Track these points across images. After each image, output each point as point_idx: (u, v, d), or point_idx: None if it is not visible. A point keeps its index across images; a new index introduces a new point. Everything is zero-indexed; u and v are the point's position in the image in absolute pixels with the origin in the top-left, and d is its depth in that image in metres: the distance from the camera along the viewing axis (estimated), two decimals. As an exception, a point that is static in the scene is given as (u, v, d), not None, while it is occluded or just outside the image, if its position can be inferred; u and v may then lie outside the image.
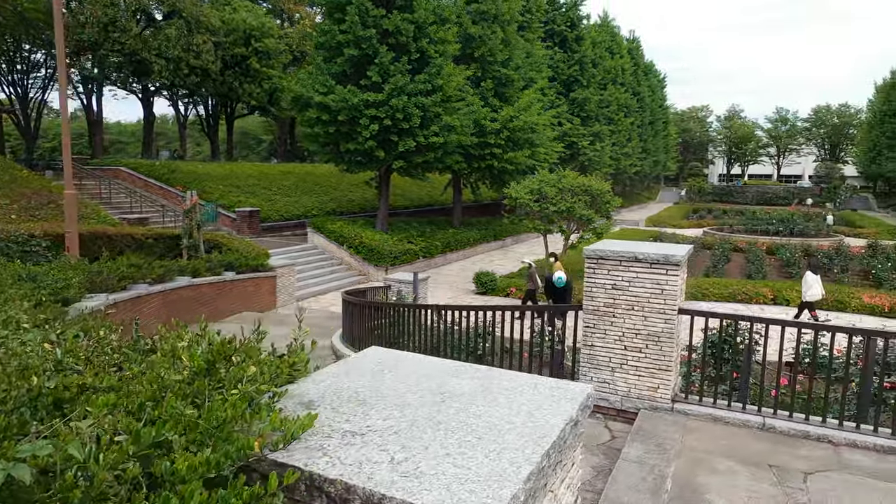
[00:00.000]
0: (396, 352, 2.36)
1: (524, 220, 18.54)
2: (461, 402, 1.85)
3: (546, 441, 1.58)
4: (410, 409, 1.79)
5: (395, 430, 1.65)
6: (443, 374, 2.10)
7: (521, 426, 1.68)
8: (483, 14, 25.01)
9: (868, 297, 16.12)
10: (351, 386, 1.98)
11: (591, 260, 5.34)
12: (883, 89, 64.03)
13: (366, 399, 1.86)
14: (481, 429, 1.66)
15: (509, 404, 1.84)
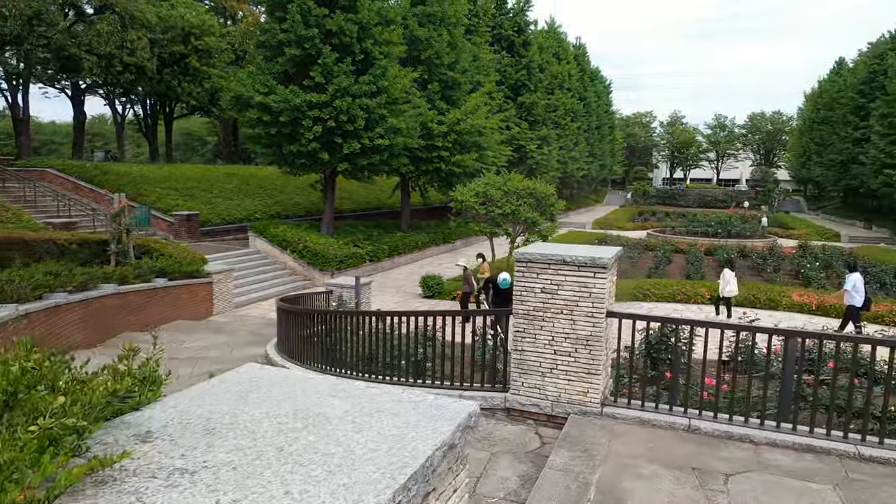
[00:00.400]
0: (273, 370, 2.14)
1: (470, 222, 18.50)
2: (326, 427, 1.66)
3: (406, 472, 1.40)
4: (263, 439, 1.58)
5: (236, 465, 1.43)
6: (319, 394, 1.89)
7: (384, 454, 1.50)
8: (429, 16, 24.93)
9: (797, 296, 16.80)
10: (205, 411, 1.75)
11: (520, 263, 5.24)
12: (811, 98, 67.70)
13: (215, 428, 1.64)
14: (337, 460, 1.47)
15: (380, 427, 1.66)
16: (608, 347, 5.33)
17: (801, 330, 4.95)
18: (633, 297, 17.84)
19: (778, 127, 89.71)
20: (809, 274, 20.88)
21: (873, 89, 46.25)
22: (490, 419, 5.48)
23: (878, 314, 15.21)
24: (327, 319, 8.30)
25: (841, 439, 4.52)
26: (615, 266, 5.41)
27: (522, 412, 5.39)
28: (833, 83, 58.71)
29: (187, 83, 31.32)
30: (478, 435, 5.13)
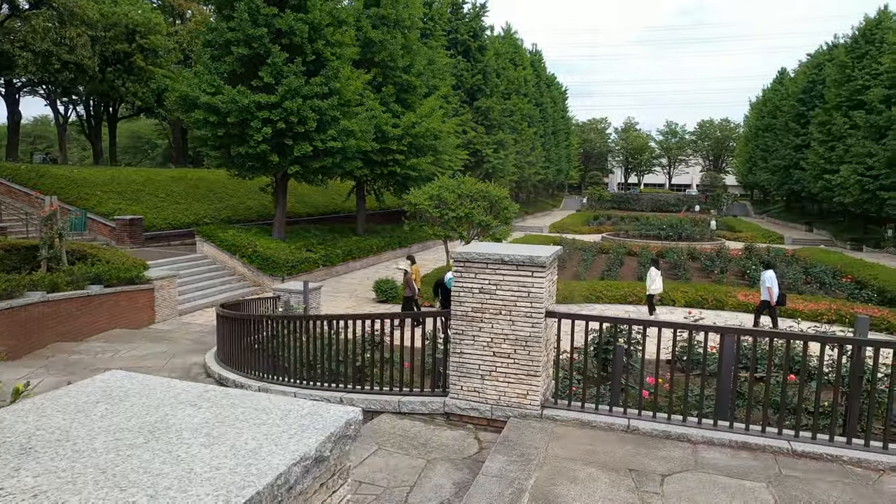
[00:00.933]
0: (141, 377, 1.89)
1: (424, 226, 18.32)
2: (172, 442, 1.43)
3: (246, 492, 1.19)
4: (88, 459, 1.34)
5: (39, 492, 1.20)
6: (181, 403, 1.66)
7: (228, 472, 1.28)
8: (383, 19, 24.71)
9: (742, 296, 17.26)
10: (30, 427, 1.50)
11: (458, 263, 5.07)
12: (756, 106, 70.47)
13: (34, 446, 1.39)
14: (168, 481, 1.25)
15: (236, 441, 1.45)
16: (549, 348, 5.22)
17: (737, 327, 4.94)
18: (586, 298, 17.99)
19: (726, 134, 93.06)
20: (754, 275, 21.52)
21: (812, 98, 48.44)
22: (429, 425, 5.28)
23: (818, 312, 15.76)
24: (269, 325, 7.96)
25: (775, 436, 4.52)
26: (554, 265, 5.30)
27: (462, 417, 5.22)
28: (776, 92, 61.26)
29: (132, 83, 30.16)
30: (415, 442, 4.93)
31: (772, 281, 14.38)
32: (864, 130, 35.78)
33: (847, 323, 15.24)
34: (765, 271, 14.80)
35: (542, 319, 4.89)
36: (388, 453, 4.69)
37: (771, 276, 14.46)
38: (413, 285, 15.20)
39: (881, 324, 14.81)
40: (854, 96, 38.87)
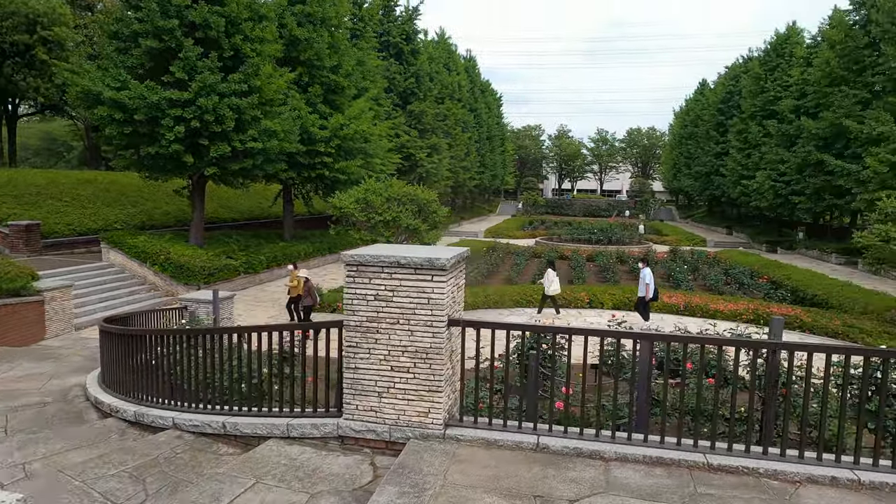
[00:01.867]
0: None
1: (350, 230, 17.59)
2: None
3: None
4: None
5: None
6: None
7: None
8: (309, 16, 23.83)
9: (667, 298, 17.52)
10: None
11: (350, 267, 4.51)
12: (680, 115, 73.73)
13: None
14: None
15: None
16: (453, 360, 4.73)
17: (654, 332, 4.64)
18: (516, 303, 17.82)
19: (653, 142, 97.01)
20: (679, 276, 22.08)
21: (730, 108, 51.03)
22: (321, 451, 4.68)
23: (737, 311, 16.18)
24: (157, 341, 7.08)
25: (691, 448, 4.22)
26: (459, 268, 4.83)
27: (358, 440, 4.64)
28: (697, 102, 64.25)
29: (33, 78, 27.76)
30: (301, 473, 4.32)
31: (650, 278, 15.14)
32: (776, 139, 37.85)
33: (764, 322, 15.71)
34: (643, 269, 15.49)
35: (444, 328, 4.40)
36: (266, 488, 4.05)
37: (648, 273, 15.21)
38: (314, 293, 14.56)
39: (794, 322, 15.33)
40: (767, 106, 41.13)
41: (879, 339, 13.95)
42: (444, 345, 4.45)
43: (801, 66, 37.32)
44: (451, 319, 4.50)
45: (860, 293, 18.49)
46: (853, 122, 28.28)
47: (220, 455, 4.90)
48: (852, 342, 14.18)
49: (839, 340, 14.35)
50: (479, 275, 22.66)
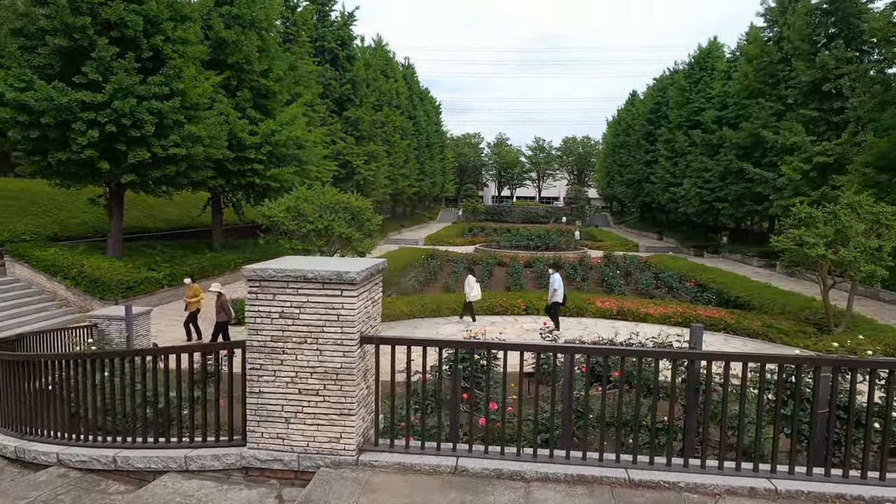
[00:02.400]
0: None
1: (280, 240, 16.93)
2: None
3: None
4: None
5: None
6: None
7: None
8: (237, 18, 22.98)
9: (600, 303, 17.83)
10: None
11: (252, 283, 4.14)
12: (612, 125, 76.30)
13: None
14: None
15: None
16: (368, 380, 4.43)
17: (578, 345, 4.51)
18: (453, 311, 17.65)
19: (587, 150, 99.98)
20: (612, 281, 22.58)
21: (658, 118, 53.18)
22: (223, 484, 4.26)
23: (667, 314, 16.62)
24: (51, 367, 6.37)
25: (613, 464, 4.10)
26: (374, 281, 4.55)
27: (264, 470, 4.26)
28: (628, 112, 66.67)
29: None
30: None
31: (559, 283, 15.28)
32: (701, 147, 39.66)
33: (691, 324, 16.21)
34: (554, 273, 15.55)
35: (355, 347, 4.10)
36: (153, 532, 3.62)
37: (557, 279, 15.26)
38: (229, 309, 13.89)
39: (719, 323, 15.89)
40: (692, 117, 43.09)
41: (796, 338, 14.63)
42: (357, 364, 4.14)
43: (722, 80, 39.35)
44: (363, 337, 4.21)
45: (778, 294, 19.47)
46: (769, 133, 29.96)
47: (108, 494, 4.39)
48: (771, 342, 14.81)
49: (760, 341, 14.96)
50: (418, 283, 22.40)
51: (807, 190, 26.61)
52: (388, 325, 15.91)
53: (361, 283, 4.14)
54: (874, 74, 23.77)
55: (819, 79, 27.73)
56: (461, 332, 15.11)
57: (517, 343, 4.47)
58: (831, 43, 27.92)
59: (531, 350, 4.36)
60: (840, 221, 14.41)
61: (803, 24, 29.32)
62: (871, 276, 13.93)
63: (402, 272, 26.23)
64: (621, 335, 15.13)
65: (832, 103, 27.93)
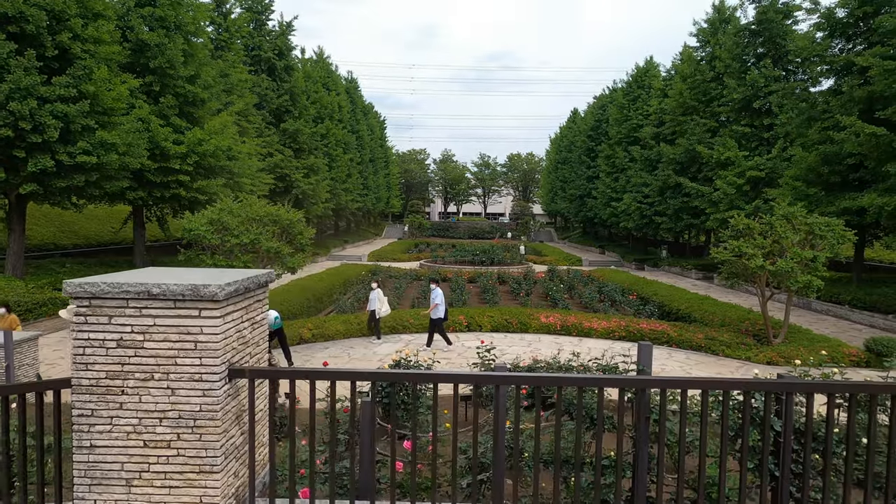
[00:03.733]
0: None
1: (202, 255, 15.56)
2: None
3: None
4: None
5: None
6: None
7: None
8: (161, 21, 21.54)
9: (544, 318, 17.28)
10: None
11: (80, 302, 3.15)
12: (555, 142, 77.64)
13: None
14: None
15: None
16: (242, 424, 3.49)
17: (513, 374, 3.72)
18: (391, 329, 16.71)
19: (532, 166, 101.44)
20: (556, 296, 22.19)
21: (599, 135, 54.28)
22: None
23: (610, 329, 16.23)
24: None
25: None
26: (252, 297, 3.62)
27: (99, 552, 3.24)
28: (570, 129, 67.95)
29: None
30: None
31: (440, 298, 14.60)
32: (640, 163, 40.46)
33: (635, 338, 15.88)
34: (434, 288, 14.95)
35: (220, 383, 3.16)
36: None
37: (439, 293, 14.67)
38: None
39: (662, 337, 15.61)
40: (631, 133, 44.04)
41: (738, 350, 14.48)
42: (223, 405, 3.20)
43: (659, 97, 40.41)
44: (233, 369, 3.27)
45: (717, 307, 19.54)
46: (704, 148, 30.70)
47: None
48: (714, 354, 14.61)
49: (703, 353, 14.73)
50: (356, 301, 21.35)
51: (741, 203, 27.27)
52: (321, 346, 14.83)
53: (229, 299, 3.21)
54: (800, 92, 24.67)
55: (750, 96, 28.66)
56: (401, 351, 14.18)
57: (448, 373, 3.66)
58: (760, 62, 28.97)
59: (466, 381, 3.53)
60: (776, 232, 14.43)
61: (733, 43, 30.37)
62: (808, 287, 13.95)
63: (343, 289, 25.08)
64: (565, 351, 14.59)
65: (762, 120, 28.90)
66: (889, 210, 16.95)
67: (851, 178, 21.12)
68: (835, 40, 22.46)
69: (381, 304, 15.16)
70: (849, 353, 13.99)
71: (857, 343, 16.26)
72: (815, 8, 22.49)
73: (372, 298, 15.46)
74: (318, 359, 13.39)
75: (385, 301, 15.34)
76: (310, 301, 20.81)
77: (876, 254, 29.50)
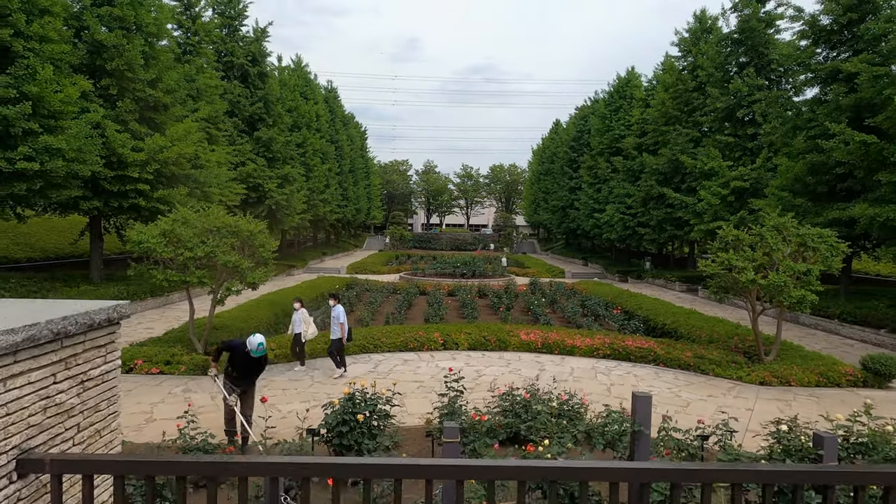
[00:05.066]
0: None
1: (153, 270, 14.32)
2: None
3: None
4: None
5: None
6: None
7: None
8: (120, 21, 20.34)
9: (524, 335, 16.28)
10: None
11: None
12: (537, 153, 77.25)
13: None
14: None
15: None
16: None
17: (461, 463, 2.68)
18: (361, 348, 15.53)
19: (514, 178, 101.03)
20: (537, 310, 21.23)
21: (581, 146, 53.79)
22: None
23: (594, 347, 15.27)
24: None
25: None
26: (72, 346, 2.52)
27: None
28: (552, 140, 67.55)
29: None
30: None
31: (343, 317, 13.24)
32: (622, 174, 39.87)
33: (621, 357, 14.94)
34: (336, 305, 13.51)
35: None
36: None
37: (341, 312, 13.28)
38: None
39: (649, 355, 14.72)
40: (613, 144, 43.52)
41: (728, 369, 13.64)
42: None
43: (641, 107, 39.96)
44: (26, 459, 2.17)
45: (704, 321, 18.69)
46: (687, 158, 30.13)
47: None
48: (704, 374, 13.73)
49: (692, 373, 13.84)
50: (328, 317, 20.13)
51: (725, 214, 26.65)
52: (284, 367, 13.65)
53: (25, 348, 2.13)
54: (784, 101, 24.18)
55: (733, 105, 28.17)
56: (362, 377, 13.05)
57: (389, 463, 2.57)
58: (743, 71, 28.53)
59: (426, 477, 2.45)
60: (767, 244, 13.63)
61: (715, 52, 29.96)
62: (801, 302, 13.14)
63: (315, 304, 23.86)
64: (547, 371, 13.56)
65: (746, 129, 28.41)
66: (881, 221, 16.29)
67: (839, 189, 20.54)
68: (819, 48, 22.01)
69: (306, 326, 13.64)
70: (845, 373, 13.19)
71: (851, 360, 15.51)
72: (798, 15, 22.03)
73: (295, 320, 13.76)
74: (275, 384, 12.22)
75: (311, 322, 13.87)
76: (277, 317, 19.59)
77: (861, 265, 29.06)
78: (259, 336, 7.86)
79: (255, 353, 7.71)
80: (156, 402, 10.83)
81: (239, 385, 7.97)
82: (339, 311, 13.25)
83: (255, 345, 7.69)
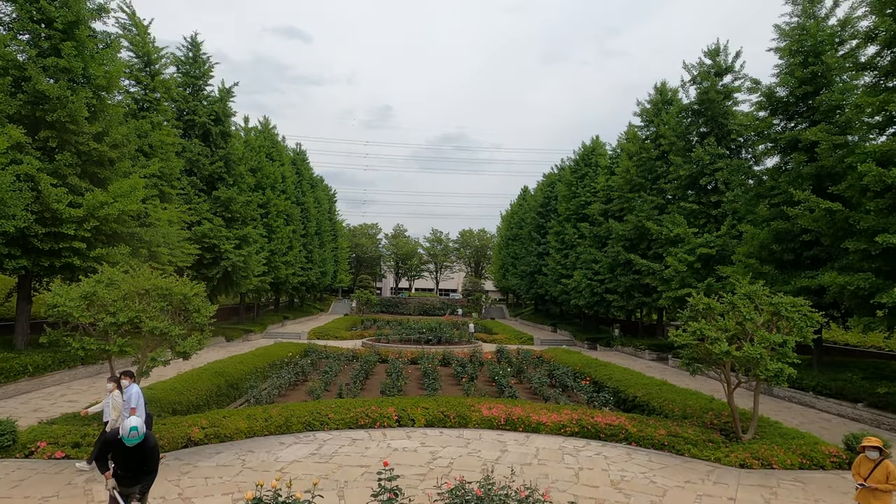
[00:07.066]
0: None
1: (68, 337, 12.72)
2: None
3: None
4: None
5: None
6: None
7: None
8: (67, 72, 19.44)
9: (486, 410, 14.93)
10: None
11: None
12: (506, 218, 77.70)
13: None
14: None
15: None
16: None
17: None
18: (307, 425, 13.91)
19: (483, 243, 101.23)
20: (502, 381, 19.91)
21: (548, 212, 54.10)
22: None
23: (561, 423, 13.99)
24: None
25: None
26: None
27: None
28: (521, 206, 68.07)
29: None
30: None
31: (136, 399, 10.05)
32: (589, 239, 39.72)
33: (590, 435, 13.69)
34: (131, 385, 10.15)
35: None
36: None
37: (137, 393, 10.08)
38: None
39: (620, 433, 13.50)
40: (580, 210, 43.68)
41: (705, 449, 12.50)
42: None
43: (606, 174, 40.40)
44: None
45: (676, 394, 17.65)
46: (653, 225, 30.02)
47: None
48: (679, 454, 12.53)
49: (666, 453, 12.63)
50: (275, 388, 18.47)
51: (692, 281, 26.22)
52: (214, 449, 11.93)
53: None
54: (746, 169, 24.37)
55: (696, 173, 28.41)
56: (301, 460, 11.45)
57: None
58: (704, 140, 28.99)
59: None
60: (740, 313, 12.86)
61: (677, 122, 30.54)
62: (778, 375, 12.24)
63: (267, 373, 22.08)
64: (510, 453, 12.19)
65: (710, 196, 28.55)
66: (852, 290, 15.80)
67: (805, 256, 20.28)
68: (777, 118, 22.38)
69: (115, 414, 10.04)
70: (829, 453, 12.16)
71: (831, 437, 14.54)
72: (756, 87, 22.51)
73: (105, 403, 10.47)
74: (200, 469, 10.56)
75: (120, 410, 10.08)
76: (221, 388, 17.84)
77: (830, 335, 28.73)
78: (133, 419, 6.16)
79: (128, 440, 6.07)
80: (48, 495, 9.09)
81: (128, 486, 6.45)
82: (134, 390, 10.06)
83: (126, 430, 6.07)
